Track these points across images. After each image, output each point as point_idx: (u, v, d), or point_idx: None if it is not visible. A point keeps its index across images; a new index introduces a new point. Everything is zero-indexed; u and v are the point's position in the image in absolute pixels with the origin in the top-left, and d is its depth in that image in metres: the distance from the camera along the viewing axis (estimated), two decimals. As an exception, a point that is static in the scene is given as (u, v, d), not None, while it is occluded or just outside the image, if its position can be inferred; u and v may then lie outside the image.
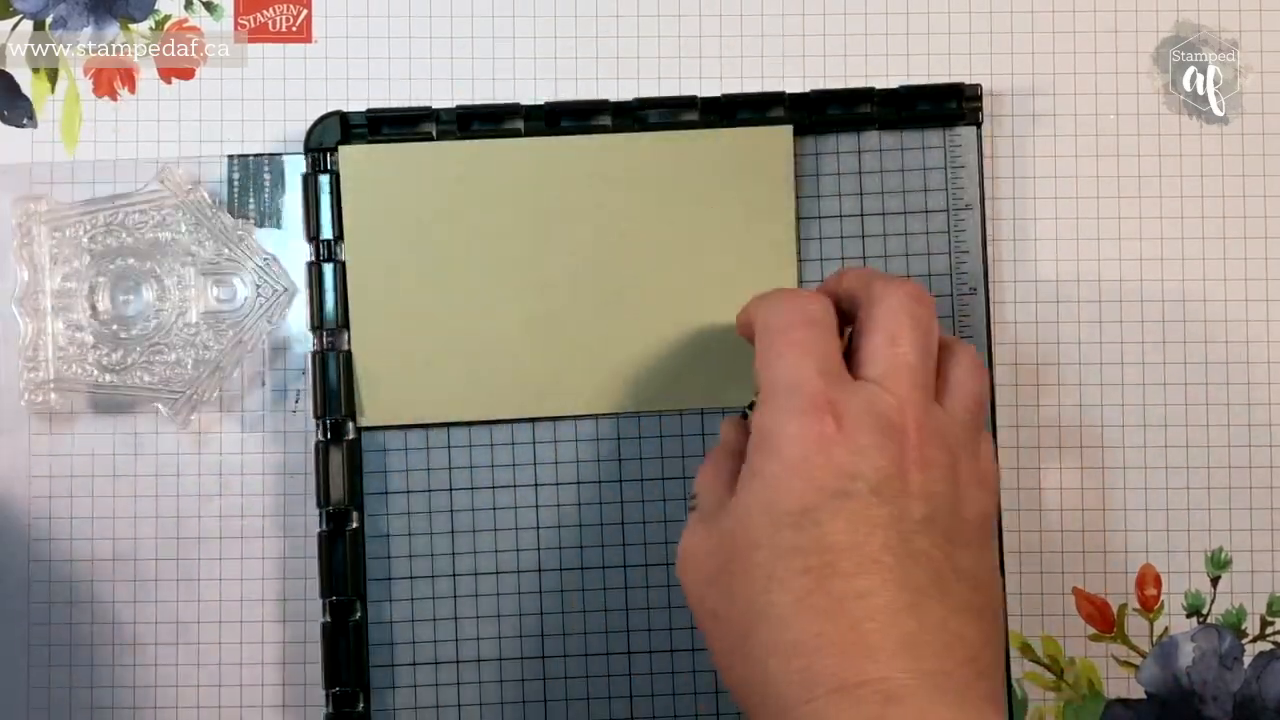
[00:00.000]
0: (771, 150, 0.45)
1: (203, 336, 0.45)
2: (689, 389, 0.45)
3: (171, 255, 0.45)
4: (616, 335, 0.45)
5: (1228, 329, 0.46)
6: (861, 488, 0.35)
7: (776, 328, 0.38)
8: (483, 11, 0.46)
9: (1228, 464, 0.46)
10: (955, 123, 0.45)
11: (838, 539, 0.34)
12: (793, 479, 0.35)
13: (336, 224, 0.44)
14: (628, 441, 0.45)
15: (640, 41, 0.46)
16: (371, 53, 0.46)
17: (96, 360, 0.45)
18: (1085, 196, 0.46)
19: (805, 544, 0.34)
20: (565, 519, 0.45)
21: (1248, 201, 0.46)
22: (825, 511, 0.34)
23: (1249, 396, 0.46)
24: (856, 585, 0.34)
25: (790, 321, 0.38)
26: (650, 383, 0.45)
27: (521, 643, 0.45)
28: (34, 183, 0.45)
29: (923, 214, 0.45)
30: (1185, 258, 0.46)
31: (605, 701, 0.45)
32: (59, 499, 0.45)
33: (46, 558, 0.45)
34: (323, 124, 0.45)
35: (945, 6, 0.46)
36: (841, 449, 0.35)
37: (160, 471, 0.45)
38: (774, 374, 0.37)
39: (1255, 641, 0.46)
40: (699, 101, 0.45)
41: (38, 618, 0.45)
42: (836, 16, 0.46)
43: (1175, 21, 0.47)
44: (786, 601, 0.34)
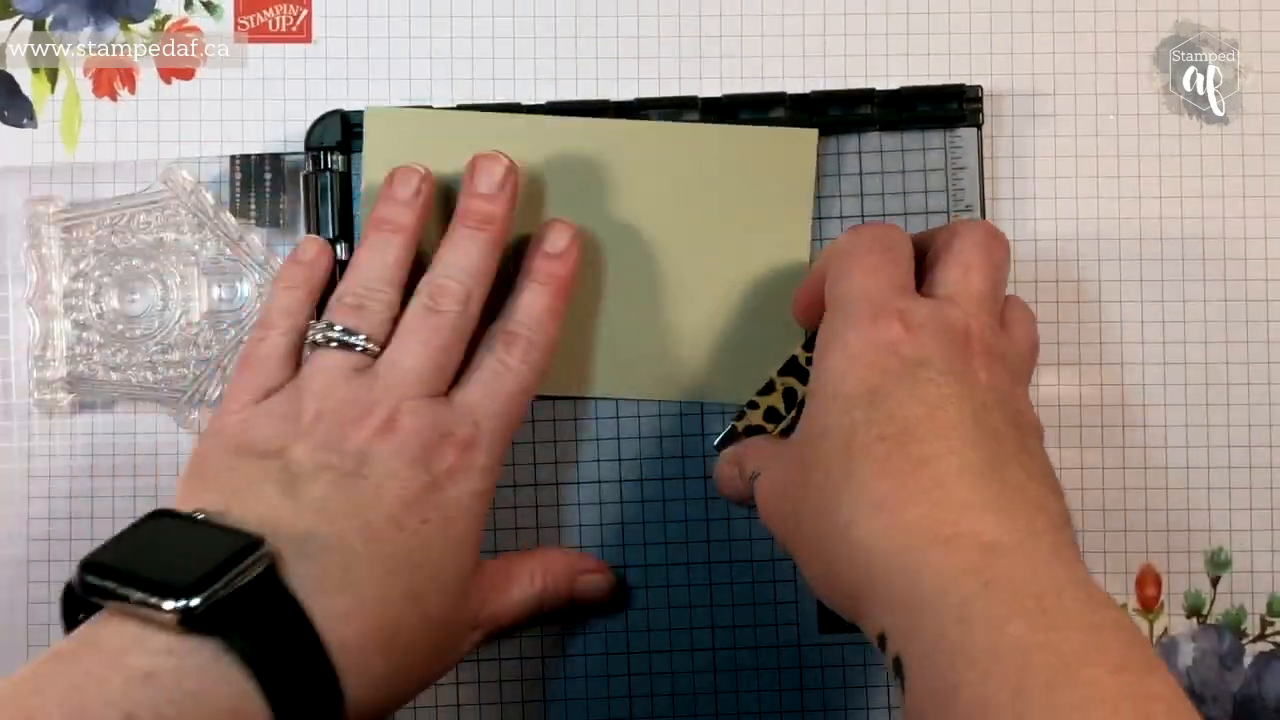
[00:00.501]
0: (796, 152, 0.45)
1: (204, 336, 0.45)
2: (696, 381, 0.45)
3: (175, 255, 0.45)
4: (625, 321, 0.45)
5: (1228, 329, 0.46)
6: (930, 370, 0.35)
7: (849, 251, 0.39)
8: (483, 11, 0.46)
9: (1228, 464, 0.46)
10: (956, 124, 0.45)
11: (911, 411, 0.34)
12: (856, 367, 0.36)
13: (337, 223, 0.44)
14: (628, 442, 0.45)
15: (640, 41, 0.46)
16: (371, 53, 0.46)
17: (104, 359, 0.45)
18: (1085, 196, 0.46)
19: (877, 417, 0.35)
20: (565, 519, 0.45)
21: (1248, 201, 0.46)
22: (894, 389, 0.35)
23: (1249, 396, 0.46)
24: (935, 448, 0.34)
25: (866, 246, 0.38)
26: (656, 372, 0.45)
27: (521, 643, 0.45)
28: (34, 183, 0.45)
29: (923, 215, 0.45)
30: (1185, 258, 0.46)
31: (605, 701, 0.45)
32: (59, 499, 0.45)
33: (46, 557, 0.45)
34: (323, 124, 0.45)
35: (945, 7, 0.46)
36: (907, 345, 0.36)
37: (160, 471, 0.45)
38: (841, 289, 0.38)
39: (1255, 641, 0.46)
40: (699, 101, 0.45)
41: (37, 617, 0.45)
42: (836, 17, 0.46)
43: (1175, 21, 0.47)
44: (866, 467, 0.34)
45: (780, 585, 0.45)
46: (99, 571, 0.33)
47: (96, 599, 0.33)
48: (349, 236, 0.44)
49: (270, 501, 0.36)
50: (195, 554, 0.33)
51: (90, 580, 0.33)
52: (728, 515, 0.45)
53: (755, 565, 0.45)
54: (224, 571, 0.33)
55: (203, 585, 0.32)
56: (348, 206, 0.45)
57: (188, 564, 0.33)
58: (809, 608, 0.45)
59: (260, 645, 0.33)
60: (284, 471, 0.37)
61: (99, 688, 0.31)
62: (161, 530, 0.35)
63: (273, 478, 0.37)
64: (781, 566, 0.45)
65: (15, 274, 0.45)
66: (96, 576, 0.33)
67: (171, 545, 0.34)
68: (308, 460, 0.37)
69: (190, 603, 0.32)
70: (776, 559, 0.45)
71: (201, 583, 0.32)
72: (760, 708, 0.45)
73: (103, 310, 0.45)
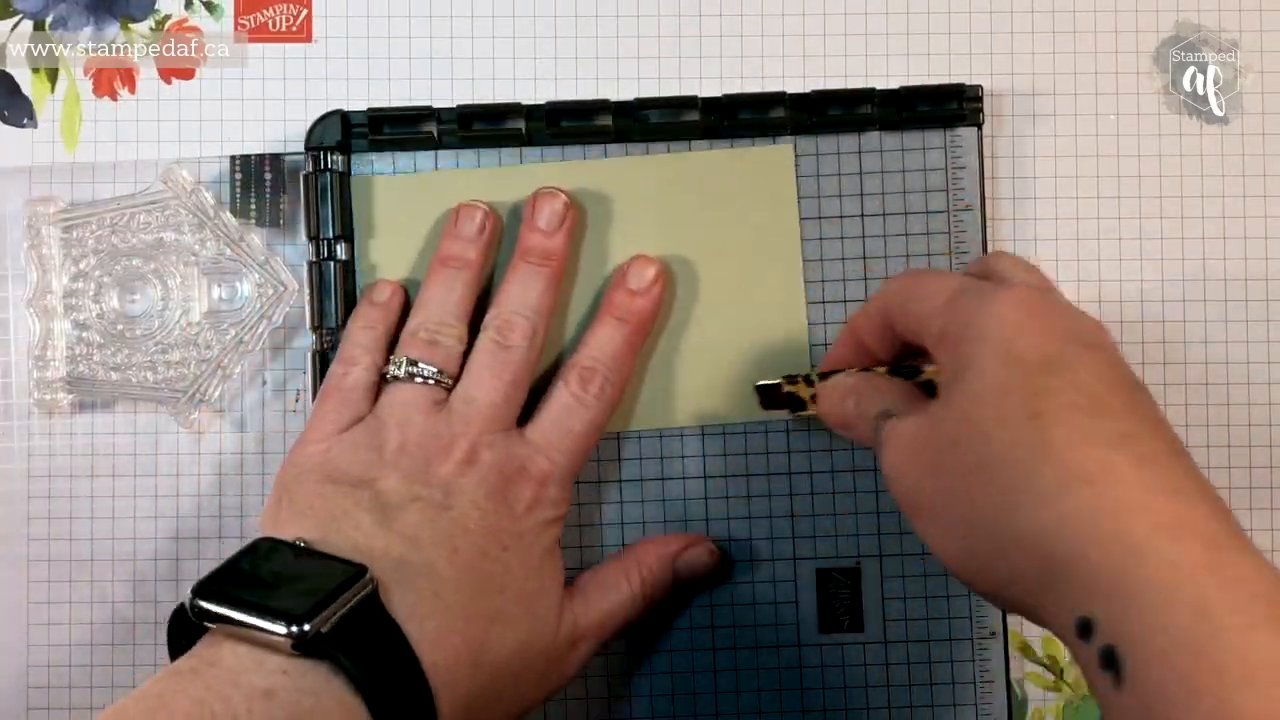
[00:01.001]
0: (774, 167, 0.45)
1: (204, 336, 0.45)
2: (696, 406, 0.45)
3: (175, 255, 0.45)
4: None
5: (1228, 329, 0.46)
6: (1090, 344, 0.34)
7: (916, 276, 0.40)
8: (483, 11, 0.46)
9: (1228, 464, 0.46)
10: (956, 123, 0.45)
11: (1093, 382, 0.33)
12: (1024, 334, 0.34)
13: (337, 223, 0.44)
14: (628, 442, 0.45)
15: (640, 41, 0.46)
16: (371, 53, 0.46)
17: (104, 359, 0.45)
18: (1085, 196, 0.46)
19: (1063, 385, 0.33)
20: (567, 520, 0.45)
21: (1248, 201, 0.46)
22: (1073, 358, 0.33)
23: (1249, 396, 0.46)
24: (1124, 426, 0.32)
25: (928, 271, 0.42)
26: (656, 400, 0.45)
27: (521, 643, 0.45)
28: (34, 183, 0.45)
29: (923, 215, 0.45)
30: (1185, 258, 0.46)
31: (605, 701, 0.45)
32: (59, 499, 0.45)
33: (46, 557, 0.45)
34: (323, 124, 0.45)
35: (945, 6, 0.46)
36: (1060, 317, 0.35)
37: (160, 471, 0.45)
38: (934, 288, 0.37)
39: (1255, 642, 0.46)
40: (699, 101, 0.45)
41: (37, 617, 0.45)
42: (836, 16, 0.46)
43: (1175, 21, 0.47)
44: (1064, 435, 0.32)
45: (780, 585, 0.45)
46: (215, 597, 0.35)
47: (212, 623, 0.35)
48: (349, 237, 0.44)
49: (365, 530, 0.38)
50: (305, 581, 0.35)
51: (204, 606, 0.35)
52: (728, 515, 0.45)
53: (755, 565, 0.45)
54: (333, 599, 0.35)
55: (315, 612, 0.34)
56: (348, 206, 0.45)
57: (300, 591, 0.35)
58: (809, 608, 0.45)
59: (366, 668, 0.34)
60: (375, 501, 0.39)
61: (223, 705, 0.33)
62: (270, 557, 0.37)
63: (364, 507, 0.39)
64: (781, 566, 0.45)
65: (15, 274, 0.45)
66: (213, 602, 0.35)
67: (281, 572, 0.36)
68: (397, 491, 0.39)
69: (304, 628, 0.34)
70: (776, 559, 0.45)
71: (314, 610, 0.34)
72: (760, 708, 0.45)
73: (103, 310, 0.45)
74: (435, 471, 0.40)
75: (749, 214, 0.45)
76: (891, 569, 0.45)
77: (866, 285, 0.45)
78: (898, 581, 0.45)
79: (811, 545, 0.45)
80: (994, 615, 0.45)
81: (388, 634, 0.36)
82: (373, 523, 0.38)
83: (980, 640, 0.45)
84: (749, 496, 0.45)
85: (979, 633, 0.45)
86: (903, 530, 0.45)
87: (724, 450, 0.45)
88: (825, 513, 0.45)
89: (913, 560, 0.45)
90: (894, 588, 0.45)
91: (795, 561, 0.45)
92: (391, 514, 0.39)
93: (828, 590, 0.45)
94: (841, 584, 0.45)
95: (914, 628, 0.45)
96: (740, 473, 0.45)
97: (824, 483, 0.45)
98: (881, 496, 0.45)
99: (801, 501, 0.45)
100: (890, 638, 0.45)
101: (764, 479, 0.45)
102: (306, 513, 0.39)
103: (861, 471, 0.45)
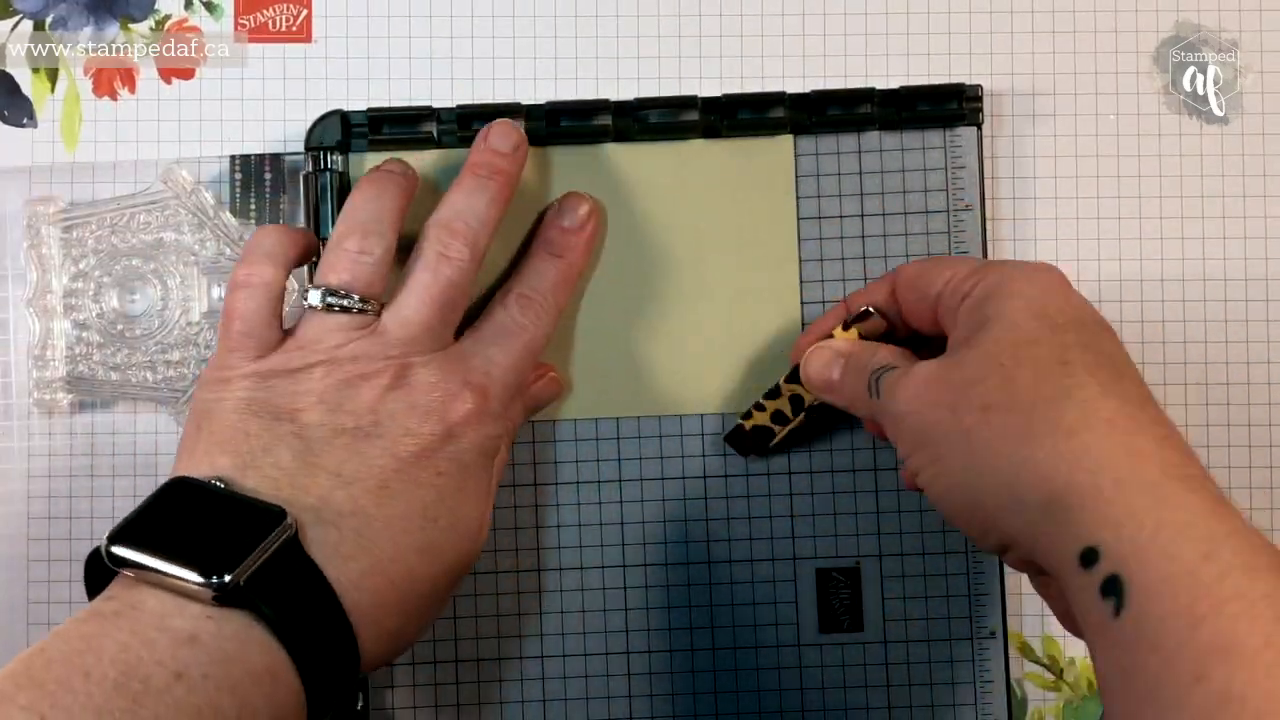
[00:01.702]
0: (774, 158, 0.45)
1: (204, 336, 0.45)
2: (693, 393, 0.45)
3: (175, 255, 0.45)
4: (621, 342, 0.45)
5: (1228, 329, 0.46)
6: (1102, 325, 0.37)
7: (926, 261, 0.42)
8: (483, 11, 0.46)
9: (1228, 464, 0.46)
10: (955, 123, 0.45)
11: (1114, 349, 0.36)
12: (1054, 297, 0.37)
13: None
14: (627, 442, 0.45)
15: (640, 41, 0.46)
16: (371, 53, 0.46)
17: (103, 359, 0.45)
18: (1085, 196, 0.46)
19: (1090, 345, 0.35)
20: (565, 519, 0.45)
21: (1248, 201, 0.46)
22: (1093, 327, 0.36)
23: (1249, 396, 0.46)
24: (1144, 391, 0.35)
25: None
26: (654, 388, 0.45)
27: (521, 643, 0.45)
28: (34, 183, 0.45)
29: (923, 214, 0.45)
30: (1185, 258, 0.46)
31: (605, 701, 0.45)
32: (59, 499, 0.45)
33: (46, 557, 0.45)
34: (323, 124, 0.45)
35: (945, 6, 0.46)
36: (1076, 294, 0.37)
37: (160, 471, 0.45)
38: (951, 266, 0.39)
39: (1255, 642, 0.46)
40: (699, 101, 0.45)
41: (37, 617, 0.45)
42: (836, 16, 0.46)
43: (1175, 21, 0.47)
44: (1092, 385, 0.34)
45: (780, 585, 0.45)
46: (131, 543, 0.34)
47: (130, 570, 0.34)
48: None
49: (286, 467, 0.37)
50: (222, 528, 0.35)
51: (120, 553, 0.34)
52: (727, 515, 0.45)
53: (755, 565, 0.45)
54: (252, 547, 0.34)
55: (234, 562, 0.34)
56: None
57: (216, 539, 0.34)
58: (809, 608, 0.45)
59: (287, 614, 0.34)
60: (297, 436, 0.37)
61: (148, 649, 0.32)
62: (185, 501, 0.36)
63: (286, 442, 0.37)
64: (781, 566, 0.45)
65: (15, 274, 0.45)
66: (129, 548, 0.34)
67: (197, 518, 0.35)
68: (321, 424, 0.38)
69: (224, 579, 0.33)
70: (776, 559, 0.45)
71: (233, 560, 0.34)
72: (760, 708, 0.45)
73: (103, 310, 0.45)
74: (362, 397, 0.38)
75: (747, 205, 0.45)
76: (891, 569, 0.45)
77: (866, 285, 0.45)
78: (898, 581, 0.45)
79: (811, 545, 0.45)
80: (994, 615, 0.45)
81: (308, 579, 0.35)
82: (293, 459, 0.37)
83: (980, 640, 0.45)
84: (749, 496, 0.45)
85: (979, 633, 0.45)
86: (903, 530, 0.45)
87: (724, 450, 0.45)
88: (825, 513, 0.45)
89: (913, 560, 0.45)
90: (894, 588, 0.45)
91: (795, 561, 0.45)
92: (315, 449, 0.37)
93: (828, 590, 0.45)
94: (841, 584, 0.45)
95: (914, 628, 0.45)
96: (740, 472, 0.45)
97: (824, 483, 0.45)
98: (881, 496, 0.45)
99: (801, 501, 0.45)
100: (890, 638, 0.45)
101: (764, 479, 0.45)
102: (225, 446, 0.37)
103: (861, 471, 0.45)
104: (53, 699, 0.31)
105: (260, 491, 0.36)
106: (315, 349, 0.39)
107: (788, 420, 0.44)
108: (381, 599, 0.36)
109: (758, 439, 0.44)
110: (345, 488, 0.37)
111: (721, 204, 0.45)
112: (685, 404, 0.45)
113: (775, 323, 0.45)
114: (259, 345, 0.39)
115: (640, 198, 0.45)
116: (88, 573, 0.36)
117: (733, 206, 0.45)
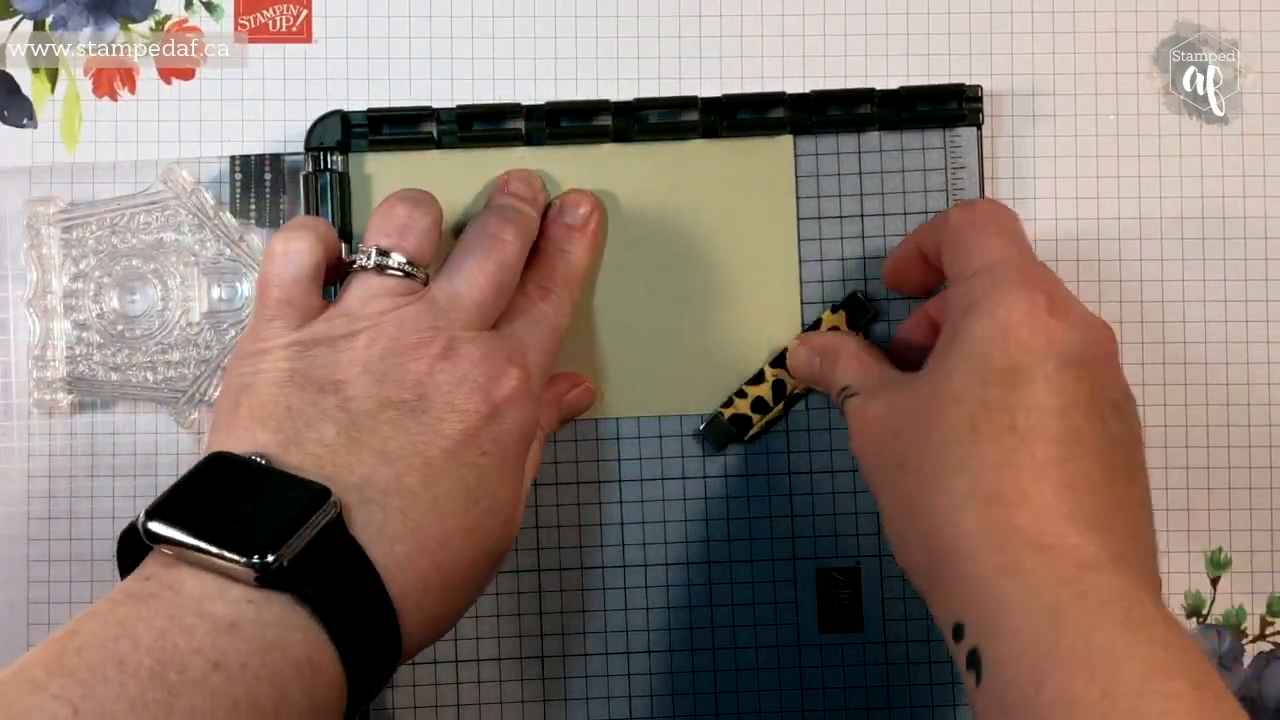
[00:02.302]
0: (774, 158, 0.45)
1: (204, 336, 0.45)
2: (689, 393, 0.45)
3: (175, 255, 0.45)
4: (621, 342, 0.45)
5: (1228, 329, 0.46)
6: (1070, 362, 0.35)
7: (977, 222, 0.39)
8: (483, 11, 0.46)
9: (1228, 464, 0.46)
10: (955, 123, 0.45)
11: (1047, 403, 0.35)
12: (1006, 340, 0.36)
13: (337, 224, 0.44)
14: (627, 442, 0.45)
15: (640, 41, 0.46)
16: (371, 53, 0.46)
17: (104, 360, 0.45)
18: (1085, 197, 0.46)
19: (1014, 402, 0.35)
20: (565, 518, 0.45)
21: (1248, 201, 0.46)
22: (1036, 374, 0.35)
23: (1249, 397, 0.46)
24: (1061, 452, 0.34)
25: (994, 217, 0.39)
26: (654, 388, 0.45)
27: (521, 643, 0.45)
28: (34, 183, 0.45)
29: (923, 215, 0.45)
30: (1185, 258, 0.46)
31: (605, 701, 0.45)
32: (59, 499, 0.45)
33: (46, 557, 0.45)
34: (323, 124, 0.45)
35: (945, 7, 0.46)
36: (1053, 323, 0.36)
37: (160, 471, 0.45)
38: (979, 251, 0.38)
39: (1255, 642, 0.46)
40: (699, 101, 0.45)
41: (37, 617, 0.45)
42: (836, 16, 0.46)
43: (1175, 21, 0.47)
44: (990, 455, 0.34)
45: (780, 585, 0.45)
46: (170, 520, 0.33)
47: (168, 548, 0.33)
48: (348, 238, 0.44)
49: (330, 444, 0.36)
50: (266, 506, 0.33)
51: (158, 530, 0.33)
52: (727, 515, 0.45)
53: (755, 565, 0.45)
54: (296, 526, 0.33)
55: (278, 542, 0.32)
56: (348, 206, 0.45)
57: (258, 518, 0.33)
58: (809, 608, 0.45)
59: (331, 597, 0.33)
60: (341, 410, 0.36)
61: (185, 636, 0.31)
62: (225, 477, 0.35)
63: (330, 416, 0.36)
64: (781, 566, 0.45)
65: (15, 274, 0.45)
66: (168, 525, 0.33)
67: (238, 495, 0.34)
68: (367, 396, 0.36)
69: (267, 559, 0.32)
70: (776, 559, 0.45)
71: (276, 540, 0.32)
72: (760, 708, 0.45)
73: (103, 310, 0.45)
74: (409, 368, 0.37)
75: (747, 205, 0.45)
76: (891, 569, 0.45)
77: (866, 285, 0.45)
78: (898, 581, 0.45)
79: (811, 545, 0.45)
80: (994, 615, 0.45)
81: (352, 561, 0.34)
82: (337, 435, 0.36)
83: (980, 640, 0.45)
84: (749, 496, 0.45)
85: (979, 633, 0.45)
86: (903, 530, 0.45)
87: (724, 450, 0.45)
88: (825, 513, 0.45)
89: (913, 560, 0.45)
90: (894, 588, 0.45)
91: (795, 561, 0.45)
92: (360, 424, 0.36)
93: (828, 590, 0.45)
94: (841, 584, 0.45)
95: (914, 628, 0.45)
96: (741, 473, 0.45)
97: (824, 483, 0.45)
98: (881, 496, 0.45)
99: (801, 501, 0.45)
100: (890, 638, 0.45)
101: (764, 479, 0.45)
102: (267, 421, 0.36)
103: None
104: (85, 688, 0.30)
105: (304, 469, 0.35)
106: (360, 315, 0.38)
107: (768, 408, 0.44)
108: (426, 583, 0.35)
109: (735, 427, 0.44)
110: (390, 465, 0.36)
111: (721, 204, 0.45)
112: (685, 404, 0.45)
113: (775, 323, 0.45)
114: (299, 313, 0.38)
115: (640, 198, 0.45)
116: (120, 549, 0.35)
117: (733, 206, 0.45)
